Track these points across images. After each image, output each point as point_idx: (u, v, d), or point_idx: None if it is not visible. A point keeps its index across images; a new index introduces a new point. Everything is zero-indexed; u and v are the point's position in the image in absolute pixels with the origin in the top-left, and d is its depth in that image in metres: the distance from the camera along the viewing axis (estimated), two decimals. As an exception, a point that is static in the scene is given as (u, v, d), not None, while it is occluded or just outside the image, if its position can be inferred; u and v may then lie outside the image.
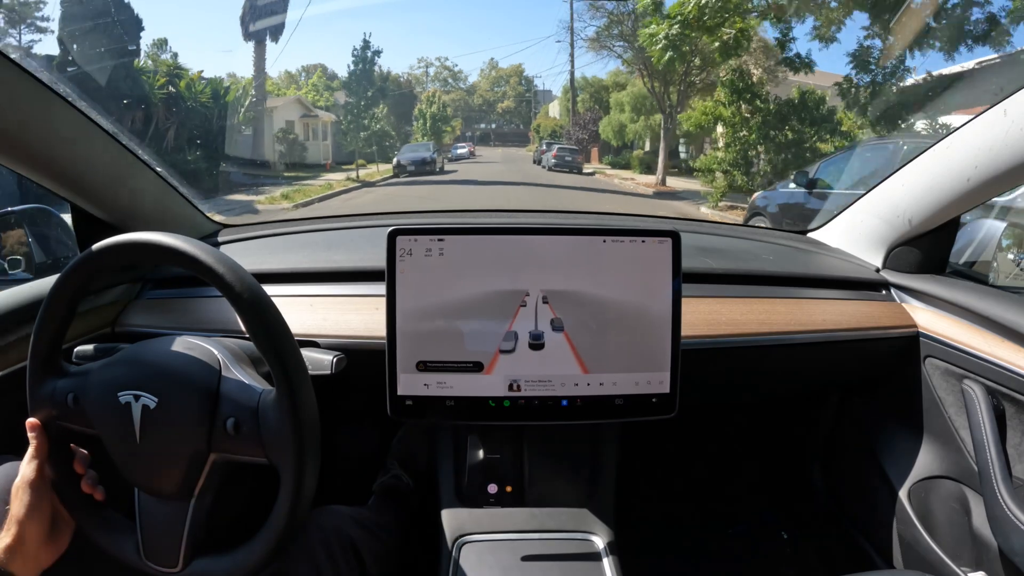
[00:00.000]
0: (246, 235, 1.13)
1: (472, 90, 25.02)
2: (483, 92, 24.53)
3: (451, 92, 24.18)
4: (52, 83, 0.73)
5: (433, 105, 17.32)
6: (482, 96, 24.52)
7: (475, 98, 24.71)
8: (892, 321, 0.94)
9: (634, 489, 1.01)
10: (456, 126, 21.39)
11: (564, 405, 0.76)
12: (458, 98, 24.14)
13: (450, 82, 24.68)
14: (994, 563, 0.78)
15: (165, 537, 0.59)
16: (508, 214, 1.39)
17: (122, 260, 0.60)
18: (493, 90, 24.70)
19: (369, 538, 0.83)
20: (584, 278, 0.74)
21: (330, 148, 13.82)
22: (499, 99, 24.45)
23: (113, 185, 0.90)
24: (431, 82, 24.30)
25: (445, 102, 20.37)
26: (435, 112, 17.20)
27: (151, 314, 0.92)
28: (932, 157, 0.88)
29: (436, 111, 17.29)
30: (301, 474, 0.56)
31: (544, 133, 19.31)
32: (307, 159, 12.76)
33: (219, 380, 0.59)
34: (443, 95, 22.00)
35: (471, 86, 25.08)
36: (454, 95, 24.10)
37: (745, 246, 1.15)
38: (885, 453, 1.00)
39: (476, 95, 24.79)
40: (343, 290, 0.91)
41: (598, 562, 0.78)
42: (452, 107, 22.95)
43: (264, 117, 11.93)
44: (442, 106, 18.21)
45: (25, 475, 0.60)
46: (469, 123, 24.51)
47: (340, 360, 0.72)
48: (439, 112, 17.45)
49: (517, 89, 24.40)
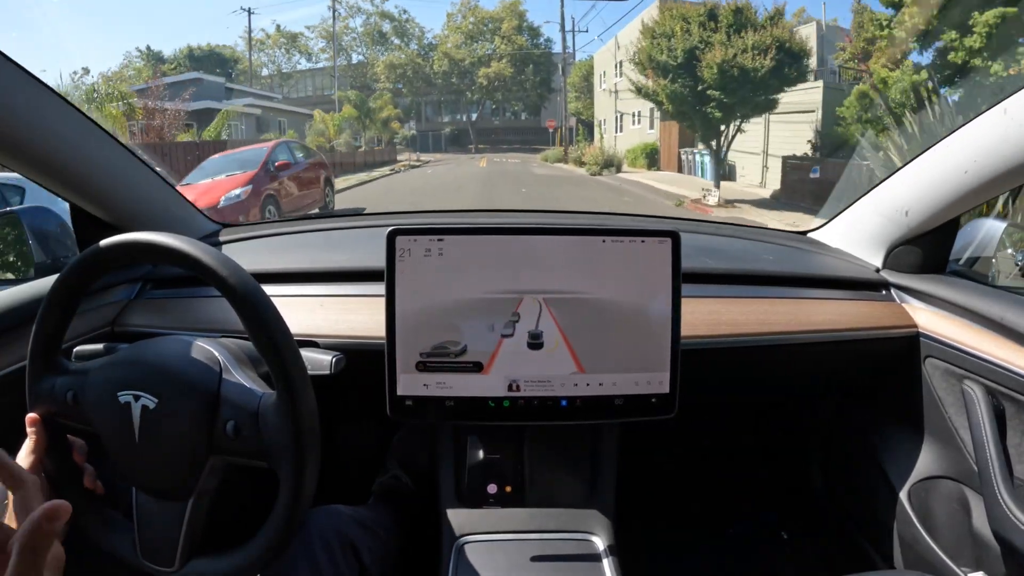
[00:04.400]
0: (246, 235, 1.13)
1: (428, 50, 15.02)
2: (452, 52, 14.73)
3: (389, 54, 14.89)
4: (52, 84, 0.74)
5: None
6: (450, 59, 14.51)
7: (436, 63, 14.62)
8: (892, 321, 0.94)
9: (634, 489, 1.01)
10: (392, 121, 13.56)
11: (564, 405, 0.76)
12: (403, 63, 14.57)
13: (393, 39, 14.18)
14: (994, 563, 0.78)
15: (162, 536, 0.59)
16: (508, 214, 1.39)
17: (122, 260, 0.60)
18: (470, 46, 14.44)
19: (369, 538, 0.83)
20: (584, 278, 0.74)
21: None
22: (480, 62, 14.20)
23: (113, 185, 0.90)
24: (354, 42, 14.60)
25: (376, 75, 11.94)
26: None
27: (151, 314, 0.92)
28: (933, 157, 0.88)
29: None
30: (301, 478, 0.56)
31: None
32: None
33: (219, 382, 0.59)
34: (380, 61, 12.73)
35: (427, 45, 14.76)
36: (393, 59, 14.98)
37: (745, 246, 1.15)
38: (885, 453, 1.00)
39: (438, 59, 14.70)
40: (343, 290, 0.91)
41: (598, 562, 0.78)
42: (389, 82, 14.55)
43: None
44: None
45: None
46: (424, 109, 14.75)
47: (339, 360, 0.72)
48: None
49: (515, 42, 14.28)
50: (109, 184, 0.89)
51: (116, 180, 0.90)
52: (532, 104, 15.21)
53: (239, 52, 18.26)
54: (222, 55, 19.20)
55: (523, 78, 14.51)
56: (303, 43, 18.24)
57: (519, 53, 14.15)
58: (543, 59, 14.57)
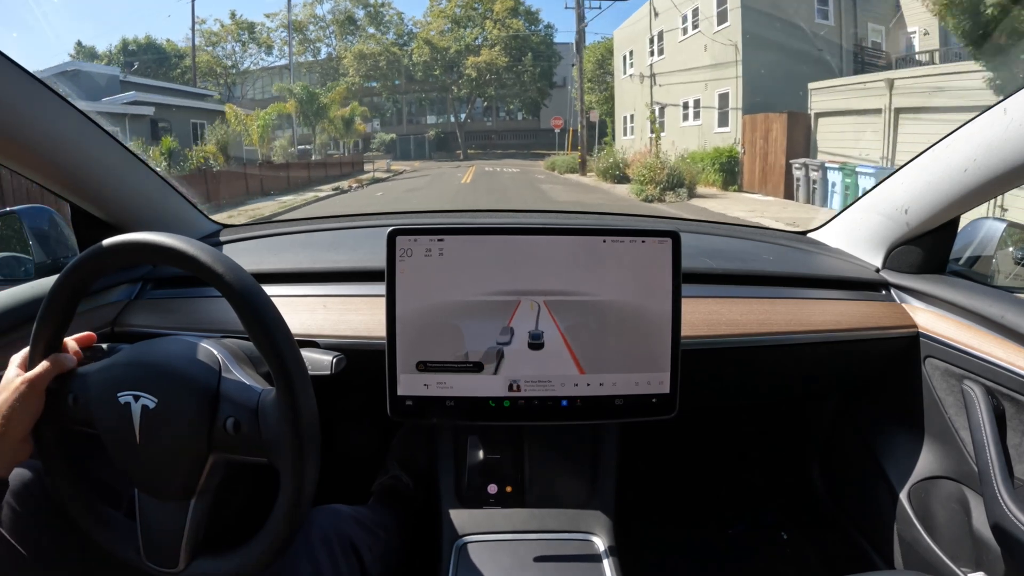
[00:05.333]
0: (246, 235, 1.13)
1: (408, 39, 12.04)
2: (434, 39, 11.87)
3: (358, 42, 11.61)
4: (52, 84, 0.74)
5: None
6: (432, 46, 11.68)
7: (415, 52, 11.73)
8: (892, 321, 0.94)
9: (634, 489, 1.01)
10: (356, 120, 10.07)
11: (564, 405, 0.76)
12: (375, 52, 11.69)
13: (368, 29, 11.08)
14: (994, 563, 0.78)
15: (166, 537, 0.59)
16: (508, 214, 1.39)
17: (122, 260, 0.60)
18: (456, 32, 11.63)
19: (369, 538, 0.83)
20: (584, 278, 0.74)
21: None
22: (468, 49, 11.40)
23: (113, 185, 0.90)
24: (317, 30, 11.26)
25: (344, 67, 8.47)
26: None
27: (151, 314, 0.92)
28: (933, 157, 0.88)
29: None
30: (301, 474, 0.56)
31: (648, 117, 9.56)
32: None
33: (219, 380, 0.59)
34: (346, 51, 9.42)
35: (407, 33, 11.75)
36: (363, 48, 11.86)
37: (745, 246, 1.15)
38: (885, 453, 1.00)
39: (418, 47, 11.77)
40: (343, 290, 0.91)
41: (598, 563, 0.78)
42: (358, 75, 11.23)
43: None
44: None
45: (25, 373, 0.60)
46: (406, 109, 11.90)
47: (340, 360, 0.72)
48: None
49: (511, 26, 11.64)
50: (109, 184, 0.89)
51: (116, 180, 0.90)
52: (531, 101, 12.68)
53: (187, 47, 15.02)
54: (162, 48, 16.28)
55: (520, 69, 11.88)
56: (263, 35, 15.03)
57: (515, 40, 11.51)
58: (543, 47, 11.92)
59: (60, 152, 0.79)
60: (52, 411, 0.61)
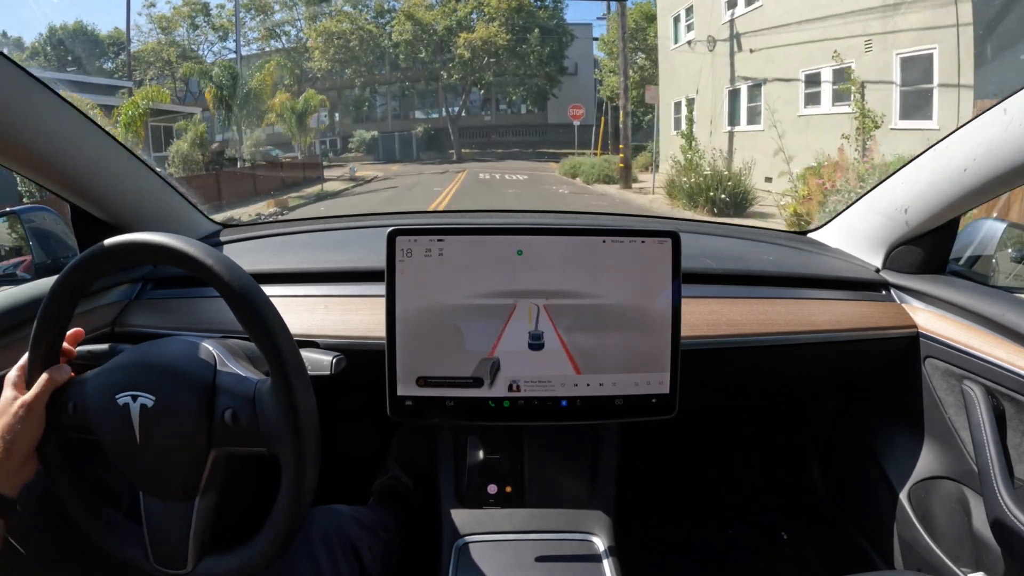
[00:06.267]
0: (246, 235, 1.13)
1: (387, 17, 9.47)
2: (419, 13, 9.49)
3: (327, 20, 9.19)
4: (53, 84, 0.74)
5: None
6: (415, 22, 9.40)
7: (395, 30, 9.35)
8: (892, 322, 0.94)
9: (634, 489, 1.01)
10: (309, 111, 7.89)
11: (564, 406, 0.76)
12: (346, 31, 9.24)
13: (344, 7, 8.87)
14: (994, 563, 0.78)
15: (172, 539, 0.59)
16: (508, 214, 1.39)
17: (122, 260, 0.60)
18: (446, 4, 9.27)
19: (369, 538, 0.83)
20: (584, 278, 0.74)
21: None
22: (461, 25, 9.00)
23: (113, 185, 0.90)
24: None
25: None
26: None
27: (151, 314, 0.92)
28: (932, 157, 0.88)
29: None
30: (302, 462, 0.56)
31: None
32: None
33: (215, 374, 0.60)
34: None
35: (388, 10, 9.32)
36: (330, 25, 9.47)
37: (745, 246, 1.15)
38: (885, 454, 1.00)
39: (399, 23, 9.39)
40: (343, 290, 0.91)
41: (598, 563, 0.78)
42: (325, 59, 9.03)
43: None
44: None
45: (23, 396, 0.60)
46: (390, 102, 9.49)
47: (339, 361, 0.72)
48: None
49: (510, 2, 8.75)
50: (109, 184, 0.89)
51: (116, 180, 0.90)
52: (537, 90, 10.25)
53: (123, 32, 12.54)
54: (96, 35, 14.17)
55: (524, 49, 9.39)
56: (221, 18, 12.48)
57: (518, 14, 8.90)
58: (553, 22, 9.37)
59: (60, 152, 0.79)
60: (53, 424, 0.61)
